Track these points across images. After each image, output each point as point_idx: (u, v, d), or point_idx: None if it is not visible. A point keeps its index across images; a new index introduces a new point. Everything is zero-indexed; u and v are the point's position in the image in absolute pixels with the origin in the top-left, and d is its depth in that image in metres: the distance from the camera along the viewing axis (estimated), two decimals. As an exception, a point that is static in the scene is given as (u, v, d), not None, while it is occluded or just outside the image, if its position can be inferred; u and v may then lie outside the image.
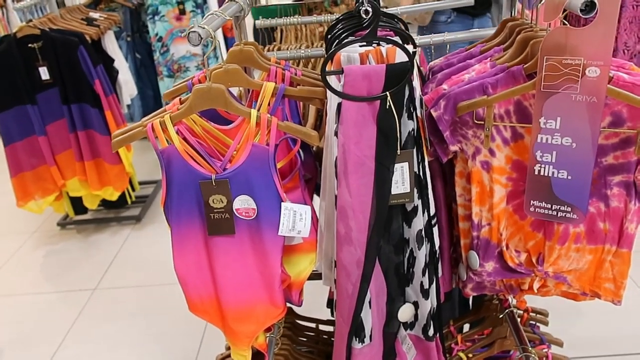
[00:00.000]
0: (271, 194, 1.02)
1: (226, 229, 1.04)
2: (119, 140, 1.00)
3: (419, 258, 1.08)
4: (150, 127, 0.99)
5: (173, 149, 0.99)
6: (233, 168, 1.00)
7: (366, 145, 0.96)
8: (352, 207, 0.99)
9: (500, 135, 1.08)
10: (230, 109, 0.98)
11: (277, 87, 1.10)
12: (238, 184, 1.01)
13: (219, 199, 1.02)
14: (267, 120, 0.98)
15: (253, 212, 1.03)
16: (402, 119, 0.97)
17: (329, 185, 1.10)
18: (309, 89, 1.12)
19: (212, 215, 1.03)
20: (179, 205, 1.03)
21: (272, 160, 0.99)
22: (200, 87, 0.96)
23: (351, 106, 0.94)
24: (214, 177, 1.00)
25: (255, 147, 0.99)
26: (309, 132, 0.98)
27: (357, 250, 1.02)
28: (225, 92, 0.96)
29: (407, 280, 1.12)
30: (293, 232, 1.04)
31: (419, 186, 1.03)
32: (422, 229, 1.06)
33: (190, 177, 1.01)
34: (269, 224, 1.03)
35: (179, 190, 1.02)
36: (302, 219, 1.03)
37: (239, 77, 1.08)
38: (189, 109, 0.99)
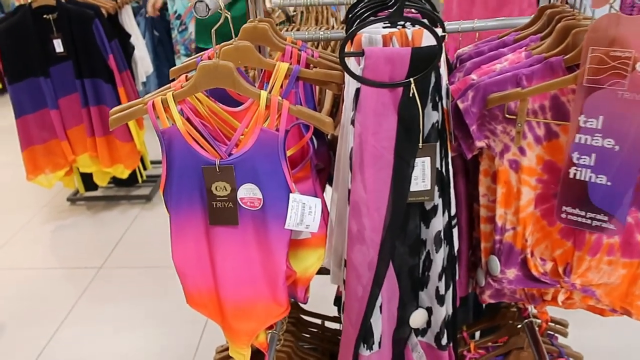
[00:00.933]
0: (279, 184, 0.94)
1: (229, 218, 0.97)
2: (116, 117, 0.93)
3: (436, 261, 1.00)
4: (150, 104, 0.91)
5: (175, 129, 0.92)
6: (239, 154, 0.92)
7: (385, 137, 0.87)
8: (367, 203, 0.91)
9: (533, 132, 0.98)
10: (239, 89, 0.90)
11: (291, 68, 1.01)
12: (244, 171, 0.93)
13: (223, 187, 0.94)
14: (277, 103, 0.89)
15: (259, 203, 0.95)
16: (425, 110, 0.88)
17: (343, 178, 1.02)
18: (325, 71, 1.03)
19: (214, 204, 0.96)
20: (179, 191, 0.96)
21: (281, 147, 0.91)
22: (206, 64, 0.88)
23: (371, 93, 0.85)
24: (218, 162, 0.92)
25: (263, 132, 0.91)
26: (323, 119, 0.89)
27: (370, 250, 0.94)
28: (234, 71, 0.88)
29: (422, 284, 1.04)
30: (301, 226, 0.96)
31: (440, 184, 0.94)
32: (442, 230, 0.97)
33: (192, 161, 0.93)
34: (275, 216, 0.95)
35: (179, 174, 0.95)
36: (311, 212, 0.95)
37: (250, 55, 0.99)
38: (193, 87, 0.91)
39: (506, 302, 1.50)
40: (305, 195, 1.03)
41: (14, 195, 3.53)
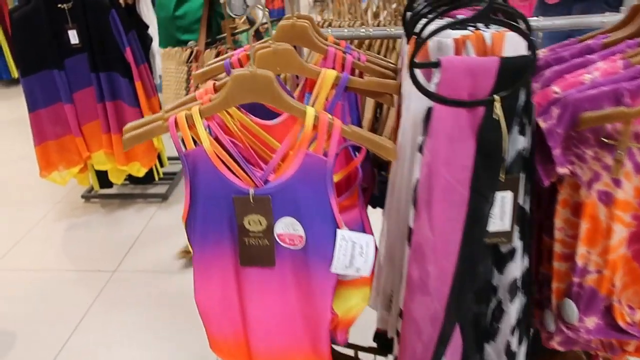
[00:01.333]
0: (325, 218, 0.77)
1: (264, 259, 0.81)
2: (131, 137, 0.77)
3: (509, 313, 0.83)
4: (172, 122, 0.75)
5: (201, 152, 0.76)
6: (278, 182, 0.76)
7: (460, 167, 0.70)
8: (434, 247, 0.74)
9: (633, 160, 0.80)
10: (280, 105, 0.74)
11: (339, 77, 0.84)
12: (283, 202, 0.77)
13: (257, 220, 0.78)
14: (328, 123, 0.73)
15: (300, 241, 0.79)
16: (511, 134, 0.70)
17: (399, 210, 0.85)
18: (379, 81, 0.86)
19: (246, 241, 0.80)
20: (205, 224, 0.80)
21: (329, 175, 0.75)
22: (241, 73, 0.71)
23: (446, 114, 0.68)
24: (252, 191, 0.76)
25: (309, 158, 0.74)
26: (384, 144, 0.72)
27: (434, 303, 0.77)
28: (274, 83, 0.71)
29: (489, 335, 0.87)
30: (350, 269, 0.79)
31: (521, 223, 0.77)
32: (519, 278, 0.81)
33: (221, 189, 0.77)
34: (319, 257, 0.79)
35: (206, 204, 0.79)
36: (362, 253, 0.78)
37: (291, 60, 0.82)
38: (225, 102, 0.74)
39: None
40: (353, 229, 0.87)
41: (29, 189, 3.41)
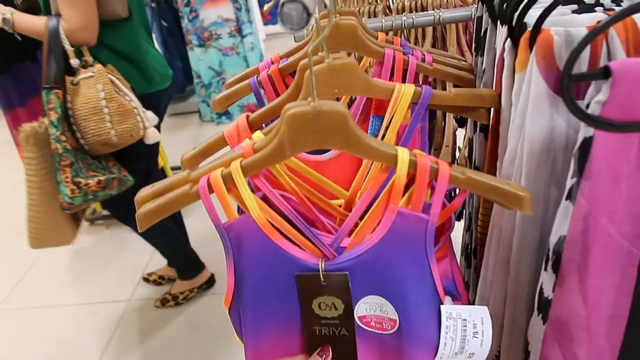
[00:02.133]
0: (425, 295, 0.56)
1: (342, 352, 0.60)
2: (147, 212, 0.54)
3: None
4: (205, 185, 0.53)
5: (249, 222, 0.54)
6: (357, 250, 0.55)
7: (628, 217, 0.49)
8: (587, 325, 0.53)
9: None
10: (360, 152, 0.51)
11: (419, 92, 0.62)
12: (366, 277, 0.56)
13: (331, 304, 0.57)
14: (430, 169, 0.51)
15: (391, 325, 0.58)
16: (701, 162, 0.48)
17: (507, 263, 0.63)
18: (471, 93, 0.64)
19: (316, 330, 0.59)
20: (259, 311, 0.59)
21: (430, 238, 0.53)
22: (299, 110, 0.49)
23: (613, 144, 0.46)
24: (322, 266, 0.55)
25: (402, 217, 0.53)
26: (514, 192, 0.50)
27: (587, 396, 0.56)
28: (349, 121, 0.49)
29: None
30: (461, 356, 0.58)
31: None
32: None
33: (279, 265, 0.56)
34: (418, 343, 0.58)
35: (258, 286, 0.58)
36: (477, 332, 0.57)
37: (353, 78, 0.60)
38: (279, 153, 0.51)
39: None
40: (444, 286, 0.66)
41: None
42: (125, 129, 1.48)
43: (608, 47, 0.52)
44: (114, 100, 1.44)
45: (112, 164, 1.60)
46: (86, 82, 1.43)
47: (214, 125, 4.03)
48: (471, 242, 0.91)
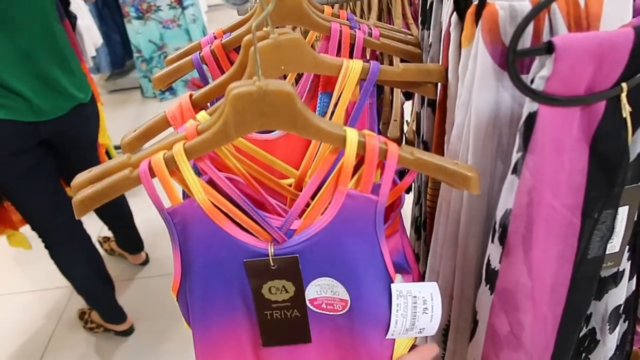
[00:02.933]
0: (374, 273, 0.56)
1: (295, 335, 0.59)
2: (84, 198, 0.51)
3: (606, 344, 0.66)
4: (146, 170, 0.51)
5: (193, 206, 0.52)
6: (307, 233, 0.54)
7: (571, 189, 0.50)
8: (532, 294, 0.55)
9: None
10: (308, 133, 0.49)
11: (367, 68, 0.61)
12: (316, 259, 0.55)
13: (281, 287, 0.56)
14: (379, 150, 0.50)
15: (343, 305, 0.58)
16: (636, 133, 0.50)
17: (455, 238, 0.65)
18: (418, 68, 0.64)
19: (268, 315, 0.58)
20: (207, 298, 0.57)
21: (380, 219, 0.53)
22: (244, 90, 0.46)
23: (556, 119, 0.47)
24: (272, 251, 0.54)
25: (351, 199, 0.52)
26: (462, 172, 0.50)
27: (531, 359, 0.58)
28: (296, 101, 0.47)
29: (575, 368, 0.71)
30: (412, 331, 0.59)
31: (633, 241, 0.58)
32: (623, 303, 0.63)
33: (227, 252, 0.55)
34: (370, 322, 0.58)
35: (206, 273, 0.56)
36: (427, 308, 0.58)
37: (300, 55, 0.58)
38: (224, 135, 0.49)
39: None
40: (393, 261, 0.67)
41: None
42: None
43: (550, 22, 0.53)
44: None
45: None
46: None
47: (157, 102, 3.89)
48: (420, 215, 0.92)
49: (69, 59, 1.54)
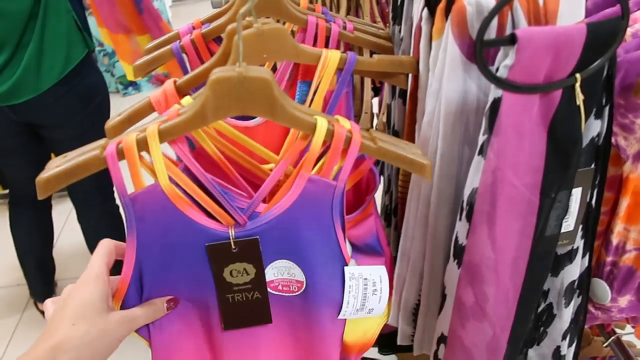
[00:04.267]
0: (329, 256, 0.60)
1: (256, 316, 0.61)
2: (50, 178, 0.51)
3: (562, 317, 0.72)
4: (113, 151, 0.52)
5: (156, 191, 0.53)
6: (268, 216, 0.56)
7: (530, 169, 0.55)
8: (495, 267, 0.60)
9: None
10: (282, 119, 0.52)
11: (345, 59, 0.65)
12: (275, 242, 0.58)
13: (242, 270, 0.58)
14: (345, 139, 0.54)
15: (299, 286, 0.61)
16: (589, 120, 0.56)
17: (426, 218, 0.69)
18: (391, 59, 0.68)
19: (230, 297, 0.60)
20: (164, 286, 0.58)
21: (337, 203, 0.56)
22: (224, 75, 0.49)
23: (517, 105, 0.52)
24: (233, 233, 0.56)
25: (312, 183, 0.55)
26: (419, 161, 0.54)
27: (496, 328, 0.63)
28: (273, 88, 0.50)
29: (533, 341, 0.76)
30: (362, 312, 0.63)
31: (586, 221, 0.64)
32: (577, 279, 0.69)
33: (187, 236, 0.56)
34: (323, 302, 0.61)
35: (163, 260, 0.57)
36: (376, 290, 0.62)
37: (282, 44, 0.61)
38: (200, 118, 0.52)
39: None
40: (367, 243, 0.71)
41: None
42: None
43: (513, 17, 0.58)
44: None
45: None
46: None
47: (119, 97, 3.83)
48: (390, 203, 0.97)
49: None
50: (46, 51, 1.48)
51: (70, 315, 0.51)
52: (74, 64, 1.54)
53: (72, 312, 0.51)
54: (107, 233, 1.95)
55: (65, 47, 1.51)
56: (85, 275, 0.54)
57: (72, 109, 1.59)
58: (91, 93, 1.63)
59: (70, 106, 1.59)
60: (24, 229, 1.91)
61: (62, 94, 1.54)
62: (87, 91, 1.62)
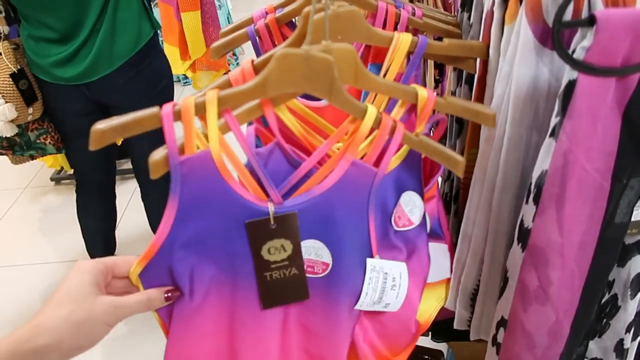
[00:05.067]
0: (359, 245, 0.61)
1: (294, 292, 0.62)
2: (106, 129, 0.51)
3: (627, 309, 0.71)
4: (170, 111, 0.52)
5: (206, 158, 0.54)
6: (309, 194, 0.58)
7: (602, 154, 0.55)
8: (561, 250, 0.60)
9: None
10: (337, 101, 0.54)
11: (416, 42, 0.66)
12: (311, 221, 0.59)
13: (280, 246, 0.59)
14: (390, 126, 0.55)
15: (324, 268, 0.62)
16: (665, 105, 0.55)
17: (489, 202, 0.70)
18: (461, 44, 0.69)
19: (268, 276, 0.60)
20: (196, 263, 0.58)
21: (375, 192, 0.58)
22: (291, 52, 0.51)
23: (593, 87, 0.52)
24: (272, 209, 0.57)
25: (355, 167, 0.57)
26: (455, 157, 0.56)
27: (559, 313, 0.64)
28: (333, 69, 0.52)
29: (594, 333, 0.75)
30: (378, 305, 0.64)
31: (657, 209, 0.63)
32: (644, 270, 0.68)
33: (228, 209, 0.56)
34: (344, 287, 0.63)
35: (201, 233, 0.56)
36: (395, 285, 0.63)
37: (356, 26, 0.63)
38: (260, 89, 0.54)
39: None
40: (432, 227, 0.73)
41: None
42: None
43: (589, 1, 0.58)
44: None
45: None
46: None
47: (180, 86, 3.98)
48: (451, 191, 0.97)
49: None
50: (118, 31, 1.57)
51: (57, 297, 0.51)
52: (144, 42, 1.63)
53: (60, 295, 0.51)
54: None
55: (136, 26, 1.60)
56: (82, 262, 0.54)
57: (140, 92, 1.69)
58: (158, 76, 1.72)
59: (139, 88, 1.68)
60: (90, 217, 2.03)
61: (132, 76, 1.63)
62: (154, 74, 1.70)
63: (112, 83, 1.62)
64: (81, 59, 1.56)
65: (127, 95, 1.66)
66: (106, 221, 2.08)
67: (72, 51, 1.54)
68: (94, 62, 1.56)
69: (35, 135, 1.72)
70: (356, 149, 0.57)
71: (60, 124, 1.74)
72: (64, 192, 2.92)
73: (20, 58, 1.60)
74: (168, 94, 1.78)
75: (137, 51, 1.61)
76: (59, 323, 0.49)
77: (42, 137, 1.73)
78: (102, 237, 2.08)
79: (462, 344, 1.11)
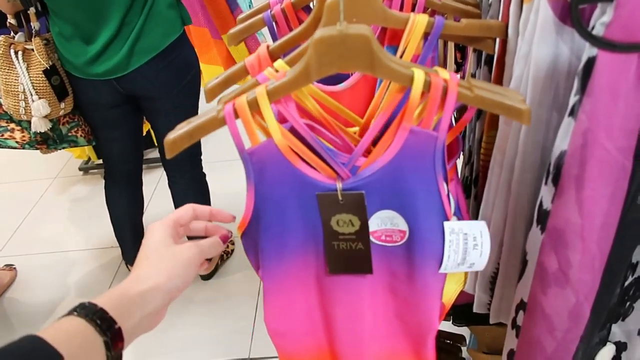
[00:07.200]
0: (432, 208, 0.61)
1: (358, 265, 0.65)
2: (176, 139, 0.57)
3: (652, 292, 0.70)
4: (230, 111, 0.57)
5: (271, 146, 0.58)
6: (371, 169, 0.59)
7: (624, 132, 0.54)
8: (581, 232, 0.59)
9: None
10: (381, 72, 0.55)
11: (432, 23, 0.66)
12: (379, 194, 0.61)
13: (348, 221, 0.62)
14: (442, 88, 0.55)
15: (402, 236, 0.64)
16: (690, 82, 0.53)
17: (508, 183, 0.69)
18: (480, 23, 0.68)
19: (335, 245, 0.64)
20: (279, 234, 0.64)
21: (439, 155, 0.58)
22: (327, 34, 0.52)
23: (613, 65, 0.50)
24: (340, 187, 0.60)
25: (414, 135, 0.57)
26: (518, 107, 0.54)
27: (579, 295, 0.63)
28: (373, 43, 0.53)
29: (618, 315, 0.74)
30: (463, 266, 0.65)
31: (683, 190, 0.62)
32: (670, 251, 0.66)
33: (299, 188, 0.61)
34: (425, 255, 0.64)
35: (280, 208, 0.63)
36: (477, 245, 0.63)
37: (371, 7, 0.63)
38: (305, 76, 0.55)
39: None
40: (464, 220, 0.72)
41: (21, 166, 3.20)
42: (7, 104, 1.59)
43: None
44: (2, 73, 1.55)
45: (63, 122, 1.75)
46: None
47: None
48: (471, 174, 0.96)
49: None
50: (153, 23, 1.58)
51: (144, 254, 0.59)
52: (174, 37, 1.63)
53: (145, 251, 0.59)
54: (194, 198, 2.09)
55: (167, 21, 1.61)
56: (151, 225, 0.62)
57: (170, 82, 1.70)
58: (186, 67, 1.73)
59: (169, 79, 1.69)
60: (119, 205, 2.08)
61: (162, 67, 1.64)
62: (183, 65, 1.71)
63: (143, 75, 1.63)
64: (113, 53, 1.57)
65: (158, 86, 1.67)
66: (134, 208, 2.13)
67: (103, 46, 1.56)
68: (126, 56, 1.58)
69: (67, 129, 1.76)
70: (411, 117, 0.57)
71: (90, 117, 1.77)
72: (91, 182, 2.99)
73: (51, 53, 1.62)
74: (196, 84, 1.80)
75: (169, 43, 1.63)
76: (153, 272, 0.57)
77: (73, 130, 1.77)
78: (130, 223, 2.13)
79: (484, 328, 1.10)
